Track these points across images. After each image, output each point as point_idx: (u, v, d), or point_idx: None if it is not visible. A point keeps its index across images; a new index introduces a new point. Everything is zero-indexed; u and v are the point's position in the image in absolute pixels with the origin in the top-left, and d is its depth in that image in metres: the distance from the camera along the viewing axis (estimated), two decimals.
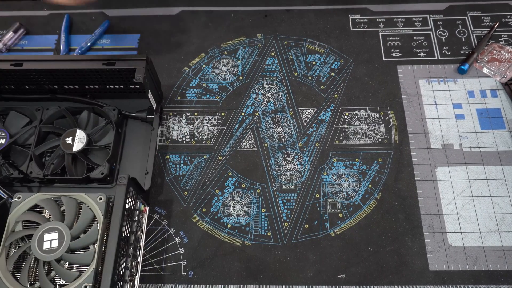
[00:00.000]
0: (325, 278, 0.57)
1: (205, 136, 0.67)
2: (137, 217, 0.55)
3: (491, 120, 0.67)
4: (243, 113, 0.69)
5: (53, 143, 0.63)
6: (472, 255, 0.57)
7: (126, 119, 0.68)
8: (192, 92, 0.71)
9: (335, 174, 0.63)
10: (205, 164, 0.65)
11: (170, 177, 0.64)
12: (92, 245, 0.52)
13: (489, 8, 0.77)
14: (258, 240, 0.59)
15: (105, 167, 0.60)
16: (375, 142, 0.66)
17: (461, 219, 0.60)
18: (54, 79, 0.63)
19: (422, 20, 0.76)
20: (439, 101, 0.69)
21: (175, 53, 0.75)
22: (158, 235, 0.60)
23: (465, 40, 0.74)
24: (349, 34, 0.76)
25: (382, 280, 0.56)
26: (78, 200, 0.54)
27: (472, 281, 0.56)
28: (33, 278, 0.52)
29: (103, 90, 0.66)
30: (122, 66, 0.59)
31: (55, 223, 0.51)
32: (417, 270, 0.57)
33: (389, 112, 0.68)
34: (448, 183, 0.62)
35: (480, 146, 0.65)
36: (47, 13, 0.81)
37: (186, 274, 0.58)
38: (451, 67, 0.71)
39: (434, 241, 0.58)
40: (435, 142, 0.65)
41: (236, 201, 0.62)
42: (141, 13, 0.80)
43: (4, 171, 0.60)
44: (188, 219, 0.61)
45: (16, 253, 0.51)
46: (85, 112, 0.65)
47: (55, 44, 0.77)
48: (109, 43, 0.77)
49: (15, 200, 0.53)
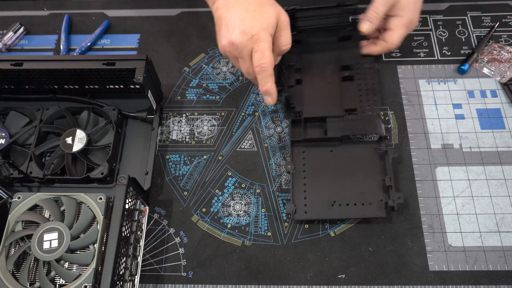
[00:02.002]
0: (325, 278, 0.57)
1: (205, 136, 0.67)
2: (137, 217, 0.55)
3: (491, 120, 0.67)
4: (243, 113, 0.69)
5: (53, 143, 0.63)
6: (472, 255, 0.57)
7: (126, 119, 0.68)
8: (192, 92, 0.71)
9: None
10: (205, 164, 0.65)
11: (170, 177, 0.64)
12: (92, 245, 0.52)
13: (489, 8, 0.77)
14: (258, 240, 0.59)
15: (105, 167, 0.60)
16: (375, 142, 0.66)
17: (461, 219, 0.60)
18: (54, 79, 0.63)
19: (422, 20, 0.76)
20: (439, 101, 0.69)
21: (175, 53, 0.75)
22: (158, 235, 0.60)
23: (465, 40, 0.74)
24: None
25: (382, 280, 0.56)
26: (78, 200, 0.54)
27: (472, 281, 0.56)
28: (33, 278, 0.52)
29: (103, 90, 0.66)
30: (122, 66, 0.59)
31: (55, 223, 0.52)
32: (417, 270, 0.57)
33: (389, 112, 0.68)
34: (448, 183, 0.62)
35: (480, 146, 0.65)
36: (47, 13, 0.81)
37: (186, 274, 0.58)
38: (451, 67, 0.71)
39: (434, 241, 0.58)
40: (435, 142, 0.65)
41: (236, 201, 0.62)
42: (141, 13, 0.80)
43: (4, 171, 0.60)
44: (188, 219, 0.61)
45: (16, 253, 0.51)
46: (85, 112, 0.65)
47: (55, 44, 0.77)
48: (109, 43, 0.77)
49: (15, 200, 0.53)
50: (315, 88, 0.66)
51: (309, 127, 0.64)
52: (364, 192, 0.59)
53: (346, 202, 0.58)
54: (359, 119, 0.63)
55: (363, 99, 0.64)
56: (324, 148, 0.62)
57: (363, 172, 0.60)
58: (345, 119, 0.63)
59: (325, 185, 0.60)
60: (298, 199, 0.59)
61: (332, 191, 0.59)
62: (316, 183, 0.60)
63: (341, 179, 0.60)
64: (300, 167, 0.61)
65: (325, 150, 0.62)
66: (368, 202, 0.58)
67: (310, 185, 0.60)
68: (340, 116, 0.63)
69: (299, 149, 0.62)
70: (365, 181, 0.59)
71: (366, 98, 0.64)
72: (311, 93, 0.65)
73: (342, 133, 0.62)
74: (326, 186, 0.59)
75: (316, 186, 0.60)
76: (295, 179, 0.60)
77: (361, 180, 0.60)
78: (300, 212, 0.58)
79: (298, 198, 0.59)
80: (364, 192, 0.59)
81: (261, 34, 0.53)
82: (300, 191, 0.59)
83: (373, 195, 0.58)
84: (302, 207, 0.58)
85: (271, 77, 0.55)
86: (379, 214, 0.57)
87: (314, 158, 0.62)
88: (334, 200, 0.58)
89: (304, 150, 0.62)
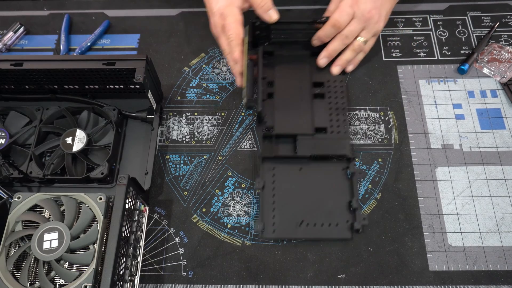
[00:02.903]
0: (325, 278, 0.57)
1: (205, 136, 0.67)
2: (137, 217, 0.55)
3: (491, 120, 0.67)
4: (243, 113, 0.69)
5: (53, 143, 0.63)
6: (472, 255, 0.57)
7: (126, 119, 0.68)
8: (192, 92, 0.71)
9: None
10: (205, 164, 0.65)
11: (170, 177, 0.64)
12: (92, 245, 0.52)
13: (489, 8, 0.77)
14: (258, 240, 0.59)
15: (105, 167, 0.60)
16: (375, 142, 0.66)
17: (461, 219, 0.60)
18: (54, 79, 0.63)
19: (422, 20, 0.76)
20: (439, 101, 0.69)
21: (175, 53, 0.75)
22: (158, 235, 0.60)
23: (465, 40, 0.74)
24: None
25: (382, 280, 0.56)
26: (78, 200, 0.54)
27: (472, 281, 0.56)
28: (33, 278, 0.52)
29: (103, 90, 0.66)
30: (122, 66, 0.59)
31: (55, 223, 0.52)
32: (417, 270, 0.57)
33: (389, 112, 0.68)
34: (448, 183, 0.62)
35: (480, 146, 0.65)
36: (47, 13, 0.81)
37: (186, 274, 0.58)
38: (451, 67, 0.71)
39: (434, 241, 0.58)
40: (435, 142, 0.65)
41: (236, 201, 0.62)
42: (141, 13, 0.80)
43: (4, 171, 0.60)
44: (188, 219, 0.61)
45: (16, 253, 0.51)
46: (85, 112, 0.65)
47: (55, 44, 0.77)
48: (109, 43, 0.77)
49: (15, 200, 0.53)
50: (287, 103, 0.66)
51: (280, 143, 0.64)
52: (331, 212, 0.59)
53: (314, 222, 0.58)
54: (329, 139, 0.63)
55: (333, 118, 0.65)
56: (294, 165, 0.62)
57: (331, 191, 0.60)
58: (315, 137, 0.63)
59: (294, 204, 0.59)
60: (267, 217, 0.58)
61: (300, 210, 0.59)
62: (285, 201, 0.59)
63: (309, 198, 0.60)
64: (270, 184, 0.61)
65: (294, 167, 0.62)
66: (335, 223, 0.58)
67: (278, 203, 0.59)
68: (311, 134, 0.63)
69: (269, 165, 0.62)
70: (332, 201, 0.59)
71: (336, 118, 0.64)
72: (283, 108, 0.65)
73: (312, 152, 0.62)
74: (295, 205, 0.59)
75: (284, 204, 0.59)
76: (264, 196, 0.60)
77: (328, 200, 0.60)
78: (268, 230, 0.58)
79: (266, 216, 0.58)
80: (331, 212, 0.59)
81: (226, 10, 0.61)
82: (269, 209, 0.59)
83: (340, 216, 0.58)
84: (270, 226, 0.58)
85: (238, 47, 0.61)
86: (344, 236, 0.58)
87: (283, 175, 0.61)
88: (302, 220, 0.58)
89: (274, 166, 0.62)
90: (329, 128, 0.64)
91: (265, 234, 0.58)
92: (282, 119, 0.64)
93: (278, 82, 0.67)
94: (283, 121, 0.64)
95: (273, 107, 0.65)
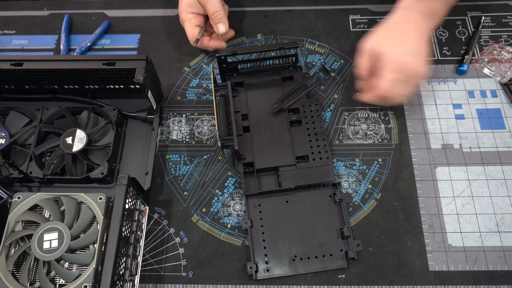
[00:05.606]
0: (325, 278, 0.57)
1: (205, 136, 0.67)
2: (137, 217, 0.55)
3: (491, 120, 0.67)
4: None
5: (53, 143, 0.63)
6: (472, 255, 0.57)
7: (126, 119, 0.68)
8: (192, 92, 0.71)
9: (335, 174, 0.62)
10: (205, 164, 0.65)
11: (170, 177, 0.64)
12: (92, 245, 0.52)
13: (489, 8, 0.77)
14: None
15: (105, 167, 0.60)
16: (375, 142, 0.66)
17: (461, 219, 0.60)
18: (54, 79, 0.63)
19: None
20: (439, 101, 0.69)
21: (175, 53, 0.75)
22: (158, 235, 0.60)
23: (465, 40, 0.74)
24: (349, 34, 0.76)
25: (382, 280, 0.56)
26: (78, 200, 0.54)
27: (472, 281, 0.56)
28: (33, 278, 0.52)
29: (103, 90, 0.66)
30: (122, 66, 0.59)
31: (55, 223, 0.52)
32: (417, 270, 0.57)
33: (389, 112, 0.68)
34: (448, 183, 0.62)
35: (480, 146, 0.65)
36: (47, 13, 0.81)
37: (186, 274, 0.58)
38: (451, 67, 0.71)
39: (434, 241, 0.58)
40: (435, 142, 0.65)
41: (236, 201, 0.62)
42: (141, 13, 0.80)
43: (4, 171, 0.60)
44: (188, 219, 0.61)
45: (16, 253, 0.51)
46: (85, 112, 0.65)
47: (55, 44, 0.77)
48: (109, 43, 0.77)
49: (15, 200, 0.53)
50: (264, 135, 0.64)
51: (263, 177, 0.62)
52: (323, 242, 0.57)
53: (307, 255, 0.56)
54: (312, 167, 0.61)
55: (313, 144, 0.63)
56: (280, 198, 0.60)
57: (320, 221, 0.58)
58: (298, 167, 0.61)
59: (285, 239, 0.57)
60: (259, 256, 0.57)
61: (292, 244, 0.57)
62: (275, 238, 0.58)
63: (299, 231, 0.58)
64: (258, 221, 0.59)
65: (280, 200, 0.60)
66: (329, 253, 0.56)
67: (269, 240, 0.57)
68: (293, 164, 0.62)
69: (254, 202, 0.60)
70: (323, 230, 0.58)
71: (316, 143, 0.63)
72: (260, 141, 0.63)
73: (296, 183, 0.60)
74: (286, 240, 0.57)
75: (275, 240, 0.57)
76: (253, 235, 0.58)
77: (319, 230, 0.58)
78: (261, 271, 0.56)
79: (258, 255, 0.57)
80: (324, 242, 0.57)
81: (182, 15, 0.71)
82: (260, 247, 0.57)
83: (333, 245, 0.57)
84: (263, 265, 0.56)
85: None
86: (340, 265, 0.56)
87: (270, 210, 0.59)
88: (295, 255, 0.56)
89: (259, 203, 0.60)
90: (311, 156, 0.62)
91: (258, 275, 0.56)
92: (261, 153, 0.62)
93: (252, 114, 0.66)
94: (262, 155, 0.62)
95: (251, 141, 0.63)
